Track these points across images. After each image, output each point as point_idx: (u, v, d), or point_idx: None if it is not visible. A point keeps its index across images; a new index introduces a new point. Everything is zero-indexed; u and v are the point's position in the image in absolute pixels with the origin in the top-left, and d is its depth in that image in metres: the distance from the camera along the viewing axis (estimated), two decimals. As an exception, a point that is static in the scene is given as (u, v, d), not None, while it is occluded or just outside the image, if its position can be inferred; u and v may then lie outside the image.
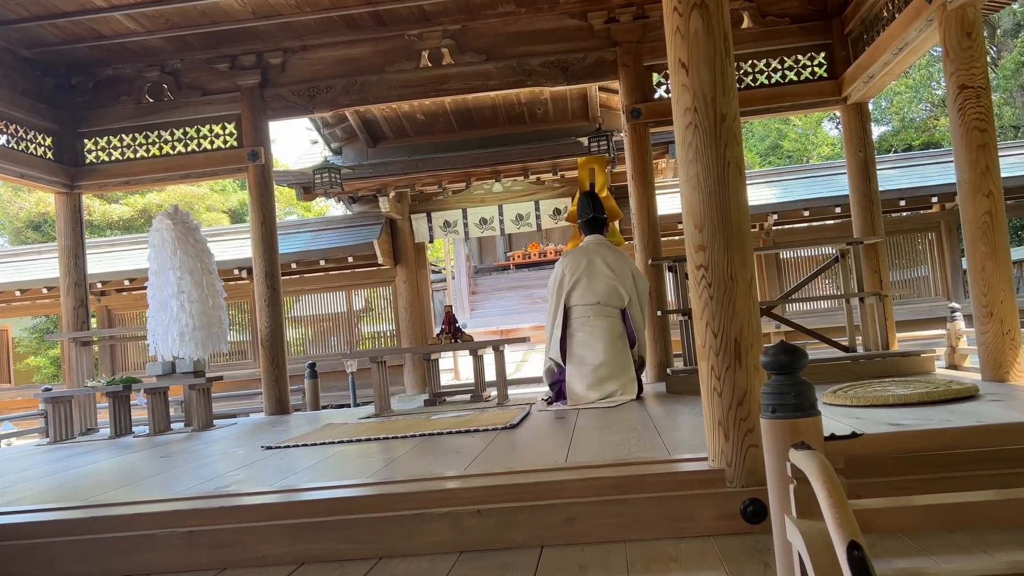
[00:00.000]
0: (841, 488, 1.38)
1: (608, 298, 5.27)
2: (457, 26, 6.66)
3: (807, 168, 13.13)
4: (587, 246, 5.47)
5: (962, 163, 4.46)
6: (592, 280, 5.28)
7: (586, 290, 5.28)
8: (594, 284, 5.28)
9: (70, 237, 6.99)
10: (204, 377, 6.01)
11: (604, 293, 5.26)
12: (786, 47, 6.54)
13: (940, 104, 21.28)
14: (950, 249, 11.18)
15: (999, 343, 4.36)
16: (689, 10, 2.70)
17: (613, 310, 5.28)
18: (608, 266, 5.30)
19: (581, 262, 5.34)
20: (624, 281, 5.31)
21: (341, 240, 11.73)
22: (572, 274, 5.33)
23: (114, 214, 19.57)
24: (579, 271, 5.31)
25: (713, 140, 2.67)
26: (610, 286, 5.27)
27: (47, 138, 6.83)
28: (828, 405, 3.94)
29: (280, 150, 42.78)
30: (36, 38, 6.37)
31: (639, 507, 2.62)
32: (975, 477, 2.55)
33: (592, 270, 5.29)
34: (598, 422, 4.26)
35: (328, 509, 2.78)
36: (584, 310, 5.26)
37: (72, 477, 3.99)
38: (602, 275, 5.28)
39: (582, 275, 5.30)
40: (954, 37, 4.45)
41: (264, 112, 6.87)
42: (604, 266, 5.30)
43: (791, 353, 1.73)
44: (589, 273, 5.29)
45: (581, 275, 5.31)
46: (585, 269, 5.30)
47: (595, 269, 5.29)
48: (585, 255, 5.37)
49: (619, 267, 5.33)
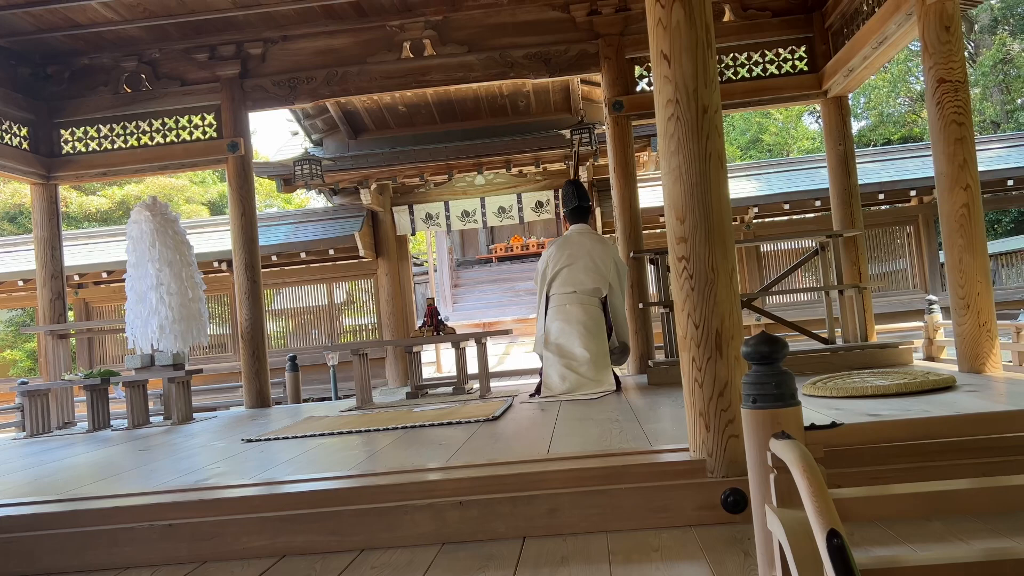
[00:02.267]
0: (821, 477, 1.39)
1: (587, 286, 5.33)
2: (439, 17, 6.62)
3: (787, 161, 13.21)
4: (570, 236, 5.52)
5: (940, 156, 4.50)
6: (573, 270, 5.34)
7: (566, 279, 5.33)
8: (575, 274, 5.33)
9: (46, 229, 6.90)
10: (184, 370, 5.96)
11: (583, 282, 5.32)
12: (767, 40, 6.56)
13: (918, 99, 21.48)
14: (928, 242, 11.31)
15: (976, 335, 4.41)
16: (672, 1, 2.70)
17: (591, 298, 5.33)
18: (591, 256, 5.36)
19: (564, 251, 5.39)
20: (607, 270, 5.37)
21: (322, 232, 11.67)
22: (555, 264, 5.39)
23: (91, 206, 19.34)
24: (561, 261, 5.37)
25: (695, 132, 2.67)
26: (591, 275, 5.32)
27: (22, 128, 6.73)
28: (808, 396, 3.97)
29: (260, 141, 42.48)
30: (10, 26, 6.27)
31: (621, 498, 2.63)
32: (952, 466, 2.58)
33: (575, 260, 5.34)
34: (580, 414, 4.27)
35: (309, 501, 2.77)
36: (561, 299, 5.32)
37: (49, 471, 3.95)
38: (584, 265, 5.33)
39: (564, 265, 5.36)
40: (933, 31, 4.49)
41: (244, 103, 6.81)
42: (587, 256, 5.35)
43: (772, 343, 1.74)
44: (571, 262, 5.34)
45: (563, 265, 5.36)
46: (568, 258, 5.36)
47: (578, 259, 5.34)
48: (568, 245, 5.42)
49: (602, 256, 5.39)
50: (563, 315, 5.26)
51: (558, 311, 5.29)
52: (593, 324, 5.24)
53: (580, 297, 5.30)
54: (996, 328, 4.45)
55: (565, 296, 5.31)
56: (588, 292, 5.32)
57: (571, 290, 5.31)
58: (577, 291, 5.31)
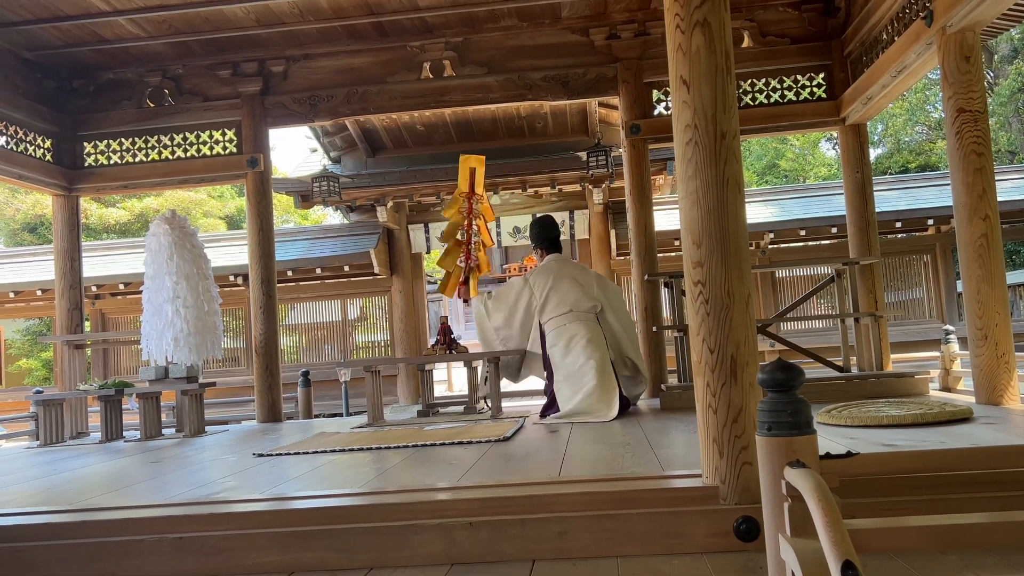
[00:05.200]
0: (836, 507, 1.38)
1: (579, 305, 5.41)
2: (459, 38, 6.69)
3: (804, 188, 13.19)
4: (548, 264, 5.67)
5: (959, 186, 4.48)
6: (560, 292, 5.45)
7: (558, 303, 5.43)
8: (563, 296, 5.44)
9: (67, 239, 6.97)
10: (197, 383, 5.99)
11: (574, 301, 5.42)
12: (786, 67, 6.57)
13: (936, 127, 21.42)
14: (945, 271, 11.22)
15: (993, 366, 4.37)
16: (691, 28, 2.71)
17: (588, 315, 5.40)
18: (572, 277, 5.52)
19: (548, 278, 5.53)
20: (590, 287, 5.50)
21: (338, 249, 11.73)
22: (541, 292, 5.51)
23: (111, 218, 19.53)
24: (547, 287, 5.50)
25: (713, 157, 2.68)
26: (578, 294, 5.44)
27: (47, 140, 6.83)
28: (822, 425, 3.94)
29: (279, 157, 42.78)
30: (38, 40, 6.38)
31: (632, 523, 2.61)
32: (969, 499, 2.55)
33: (559, 283, 5.48)
34: (592, 436, 4.26)
35: (319, 518, 2.77)
36: (558, 320, 5.39)
37: (61, 480, 3.97)
38: (569, 285, 5.46)
39: (551, 290, 5.48)
40: (953, 61, 4.49)
41: (264, 119, 6.88)
42: (568, 277, 5.51)
43: (788, 371, 1.73)
44: (556, 286, 5.47)
45: (550, 291, 5.48)
46: (552, 284, 5.49)
47: (561, 282, 5.49)
48: (550, 272, 5.58)
49: (583, 276, 5.58)
50: (565, 334, 5.29)
51: (560, 333, 5.33)
52: (595, 339, 5.28)
53: (578, 315, 5.37)
54: (1014, 360, 4.41)
55: (563, 317, 5.38)
56: (584, 310, 5.40)
57: (567, 310, 5.40)
58: (573, 310, 5.39)
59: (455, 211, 6.23)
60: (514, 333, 5.66)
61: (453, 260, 6.24)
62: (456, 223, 6.25)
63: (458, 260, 6.24)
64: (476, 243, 6.26)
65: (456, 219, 6.24)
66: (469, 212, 6.22)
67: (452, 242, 6.26)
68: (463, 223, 6.24)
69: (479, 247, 6.27)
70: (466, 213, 6.22)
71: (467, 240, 6.23)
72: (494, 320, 5.73)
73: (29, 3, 5.77)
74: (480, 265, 6.29)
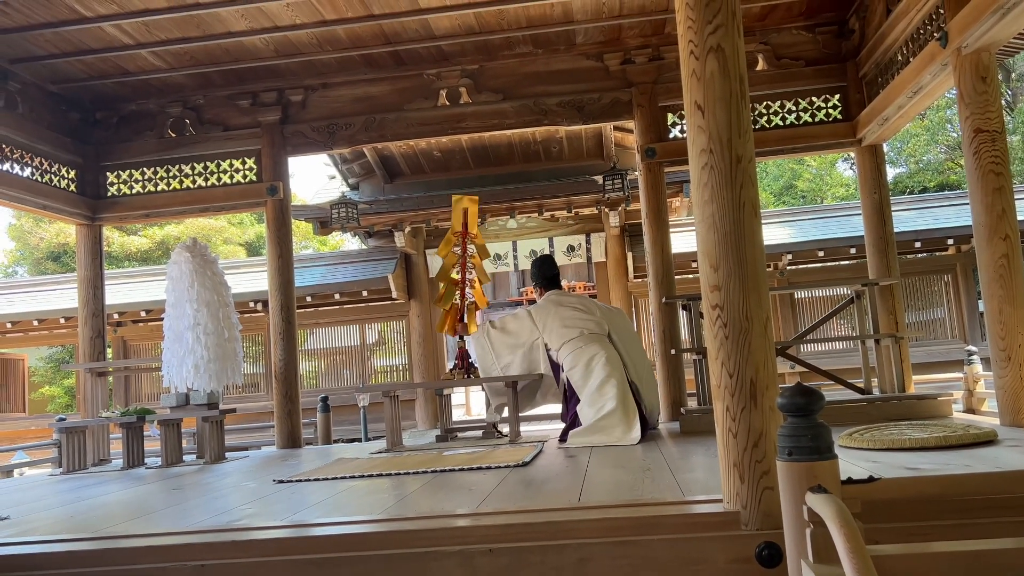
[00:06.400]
0: (859, 533, 1.37)
1: (589, 328, 5.46)
2: (475, 66, 6.76)
3: (822, 208, 13.15)
4: (549, 297, 5.77)
5: (978, 206, 4.46)
6: (565, 319, 5.52)
7: (567, 328, 5.48)
8: (570, 321, 5.50)
9: (89, 268, 7.07)
10: (218, 409, 6.03)
11: (582, 325, 5.48)
12: (801, 89, 6.58)
13: (956, 147, 21.30)
14: (966, 291, 11.11)
15: (1018, 388, 4.31)
16: (705, 53, 2.73)
17: (600, 337, 5.44)
18: (574, 306, 5.61)
19: (550, 309, 5.63)
20: (593, 313, 5.58)
21: (356, 274, 11.82)
22: (543, 323, 5.58)
23: (132, 245, 19.79)
24: (548, 319, 5.58)
25: (729, 181, 2.69)
26: (583, 319, 5.51)
27: (71, 171, 6.95)
28: (844, 448, 3.90)
29: (298, 184, 43.24)
30: (63, 73, 6.52)
31: (653, 549, 2.59)
32: (995, 524, 2.51)
33: (562, 311, 5.57)
34: (612, 461, 4.23)
35: (339, 545, 2.77)
36: (573, 344, 5.41)
37: (84, 508, 3.99)
38: (571, 313, 5.54)
39: (556, 318, 5.54)
40: (969, 81, 4.48)
41: (284, 148, 6.97)
42: (570, 307, 5.60)
43: (808, 395, 1.73)
44: (560, 313, 5.56)
45: (555, 319, 5.54)
46: (556, 312, 5.58)
47: (563, 309, 5.58)
48: (551, 304, 5.67)
49: (585, 304, 5.68)
50: (585, 356, 5.31)
51: (577, 356, 5.34)
52: (615, 360, 5.29)
53: (592, 336, 5.41)
54: (1039, 381, 4.35)
55: (577, 340, 5.40)
56: (593, 332, 5.44)
57: (577, 333, 5.44)
58: (584, 332, 5.43)
59: (448, 251, 6.33)
60: (516, 360, 5.72)
61: (449, 299, 6.33)
62: (450, 262, 6.36)
63: (454, 299, 6.32)
64: (471, 281, 6.32)
65: (451, 259, 6.34)
66: (464, 251, 6.31)
67: (448, 281, 6.34)
68: (457, 262, 6.35)
69: (474, 285, 6.33)
70: (460, 252, 6.32)
71: (462, 279, 6.29)
72: (497, 348, 5.78)
73: (54, 37, 5.91)
74: (477, 302, 6.33)
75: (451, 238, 6.33)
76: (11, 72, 6.23)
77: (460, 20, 6.07)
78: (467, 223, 6.31)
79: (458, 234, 6.32)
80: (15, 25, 5.67)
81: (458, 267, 6.33)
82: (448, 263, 6.37)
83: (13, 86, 6.26)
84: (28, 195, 6.37)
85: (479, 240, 6.41)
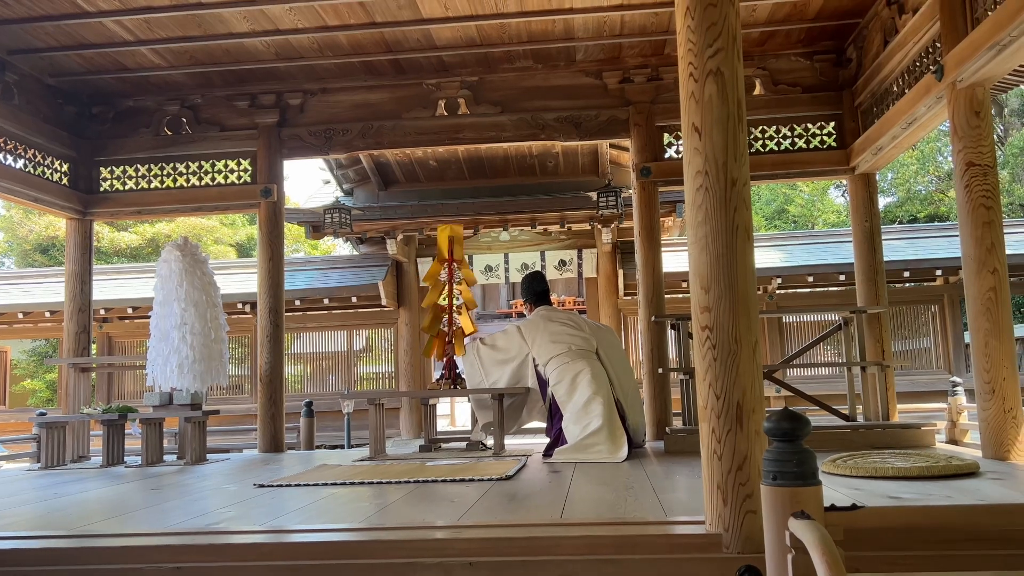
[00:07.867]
0: (840, 561, 1.37)
1: (577, 344, 5.52)
2: (475, 78, 6.79)
3: (813, 234, 13.22)
4: (539, 313, 5.86)
5: (968, 239, 4.49)
6: (554, 334, 5.59)
7: (555, 343, 5.54)
8: (559, 337, 5.57)
9: (78, 263, 7.02)
10: (201, 410, 5.99)
11: (570, 341, 5.53)
12: (797, 115, 6.63)
13: (946, 178, 21.49)
14: (953, 322, 11.19)
15: (1001, 421, 4.33)
16: (704, 77, 2.76)
17: (588, 353, 5.49)
18: (563, 322, 5.68)
19: (539, 324, 5.71)
20: (582, 329, 5.66)
21: (346, 280, 11.78)
22: (532, 338, 5.66)
23: (122, 242, 19.68)
24: (537, 333, 5.66)
25: (723, 204, 2.70)
26: (571, 334, 5.57)
27: (64, 164, 6.92)
28: (827, 474, 3.90)
29: (291, 188, 43.14)
30: (61, 67, 6.50)
31: (634, 568, 2.59)
32: (974, 556, 2.52)
33: (551, 326, 5.66)
34: (595, 478, 4.23)
35: (318, 552, 2.75)
36: (560, 359, 5.46)
37: (61, 505, 3.95)
38: (560, 329, 5.62)
39: (545, 334, 5.61)
40: (963, 115, 4.52)
41: (280, 151, 6.96)
42: (559, 323, 5.69)
43: (795, 421, 1.73)
44: (549, 328, 5.63)
45: (544, 334, 5.61)
46: (545, 327, 5.66)
47: (552, 325, 5.67)
48: (540, 319, 5.76)
49: (574, 320, 5.76)
50: (570, 372, 5.34)
51: (563, 371, 5.38)
52: (601, 377, 5.31)
53: (580, 352, 5.45)
54: (1022, 415, 4.37)
55: (564, 356, 5.44)
56: (580, 348, 5.48)
57: (565, 348, 5.48)
58: (571, 348, 5.47)
59: (434, 278, 6.36)
60: (504, 375, 5.76)
61: (436, 324, 6.35)
62: (437, 290, 6.39)
63: (441, 324, 6.34)
64: (458, 307, 6.33)
65: (437, 286, 6.38)
66: (450, 278, 6.34)
67: (435, 307, 6.37)
68: (443, 288, 6.37)
69: (461, 311, 6.34)
70: (447, 279, 6.35)
71: (448, 306, 6.30)
72: (486, 365, 5.84)
73: (55, 30, 5.89)
74: (464, 327, 6.33)
75: (436, 266, 6.36)
76: (9, 63, 6.20)
77: (462, 31, 6.09)
78: (452, 250, 6.35)
79: (445, 261, 6.35)
80: (16, 17, 5.66)
81: (445, 294, 6.37)
82: (434, 290, 6.40)
83: (10, 77, 6.24)
84: (20, 187, 6.33)
85: (464, 267, 6.45)
